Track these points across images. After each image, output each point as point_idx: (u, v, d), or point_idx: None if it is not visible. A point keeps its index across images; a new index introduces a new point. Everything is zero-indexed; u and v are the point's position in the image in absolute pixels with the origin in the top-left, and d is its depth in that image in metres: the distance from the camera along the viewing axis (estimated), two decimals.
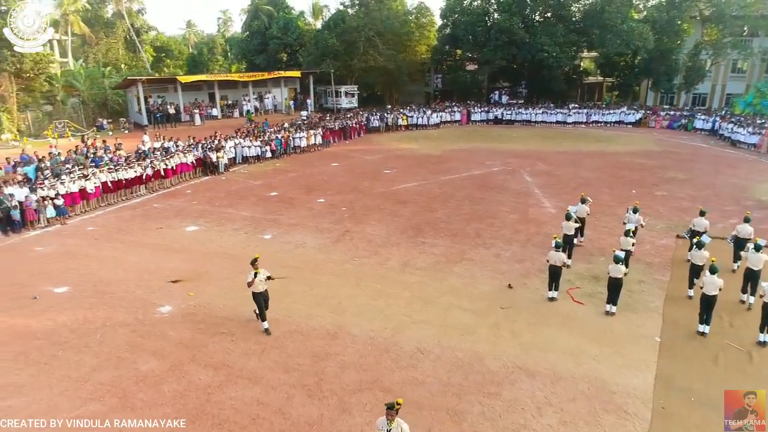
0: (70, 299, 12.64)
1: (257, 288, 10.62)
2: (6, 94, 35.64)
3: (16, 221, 17.13)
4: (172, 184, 23.02)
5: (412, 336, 10.77)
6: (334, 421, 8.36)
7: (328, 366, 9.82)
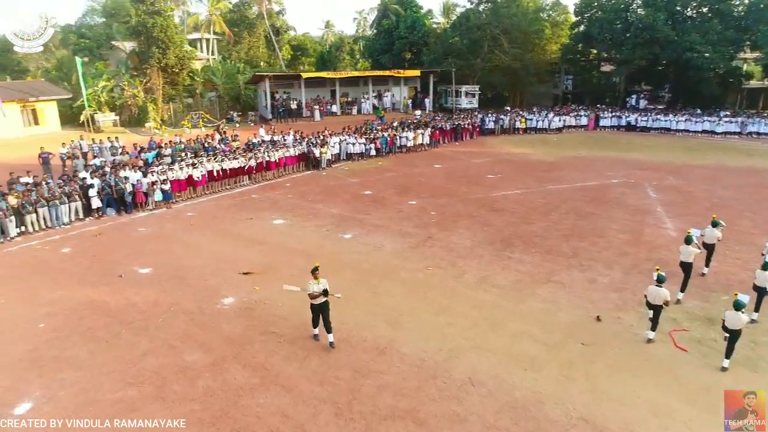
0: (149, 281, 13.21)
1: (316, 300, 9.95)
2: (154, 87, 39.61)
3: (129, 203, 18.56)
4: (275, 176, 23.68)
5: (467, 363, 9.57)
6: None
7: (366, 384, 9.01)
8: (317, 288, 9.84)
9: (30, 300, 12.20)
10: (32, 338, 10.60)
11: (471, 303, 11.86)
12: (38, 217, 16.74)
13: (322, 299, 9.88)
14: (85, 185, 17.87)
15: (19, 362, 9.79)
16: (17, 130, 33.87)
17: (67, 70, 44.07)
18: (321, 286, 9.86)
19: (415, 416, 8.23)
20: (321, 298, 9.86)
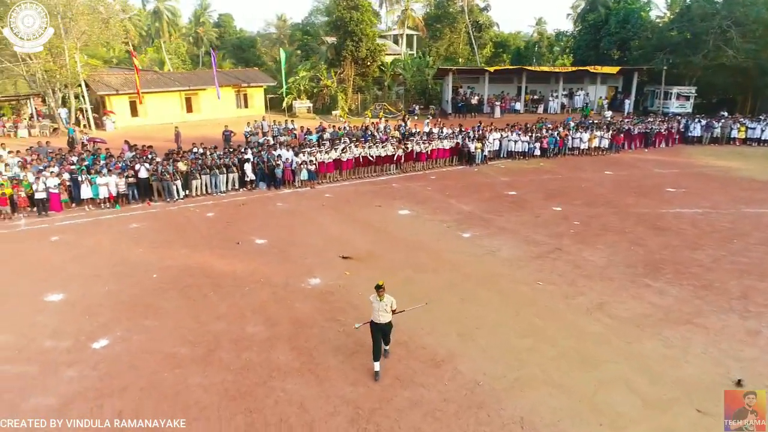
0: (258, 251, 13.86)
1: (376, 318, 8.45)
2: (346, 78, 42.27)
3: (278, 179, 19.89)
4: (424, 168, 23.21)
5: (529, 399, 7.89)
6: None
7: (400, 396, 8.00)
8: (382, 305, 8.38)
9: (159, 254, 13.72)
10: (143, 285, 11.85)
11: (570, 330, 9.86)
12: (201, 184, 18.88)
13: (386, 318, 8.45)
14: (243, 159, 19.60)
15: (121, 304, 10.99)
16: (231, 111, 39.12)
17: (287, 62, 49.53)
18: (389, 303, 8.44)
19: None
20: (384, 317, 8.42)
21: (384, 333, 8.65)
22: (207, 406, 7.83)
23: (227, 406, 7.84)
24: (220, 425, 7.45)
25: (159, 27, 70.21)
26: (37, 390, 8.21)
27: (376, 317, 8.38)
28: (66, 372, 8.69)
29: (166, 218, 16.69)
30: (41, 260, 13.43)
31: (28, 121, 32.16)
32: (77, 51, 30.95)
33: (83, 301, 11.15)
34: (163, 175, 18.08)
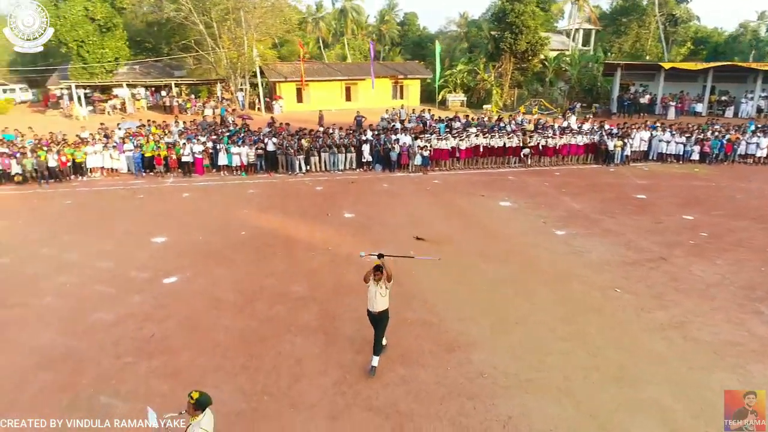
0: (341, 223, 14.39)
1: (370, 305, 7.59)
2: (504, 72, 41.10)
3: (393, 162, 20.28)
4: (551, 163, 21.62)
5: (527, 402, 7.06)
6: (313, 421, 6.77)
7: (393, 373, 7.75)
8: (374, 289, 7.50)
9: (257, 216, 15.05)
10: (229, 239, 13.16)
11: (624, 344, 8.50)
12: (320, 160, 20.11)
13: (381, 305, 7.53)
14: (362, 140, 20.37)
15: (204, 251, 12.36)
16: (386, 100, 40.69)
17: (444, 55, 49.98)
18: (379, 289, 7.48)
19: (396, 420, 6.69)
20: (379, 304, 7.51)
21: (378, 325, 7.65)
22: (220, 344, 8.48)
23: (236, 347, 8.39)
24: (221, 362, 8.01)
25: (344, 24, 75.72)
26: (104, 307, 9.68)
27: (371, 304, 7.53)
28: (133, 297, 10.08)
29: (280, 188, 18.16)
30: (166, 210, 15.65)
31: (213, 102, 37.32)
32: (255, 42, 34.94)
33: (177, 245, 12.77)
34: (287, 150, 19.65)
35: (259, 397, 7.22)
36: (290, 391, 7.37)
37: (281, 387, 7.44)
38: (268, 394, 7.30)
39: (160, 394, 7.23)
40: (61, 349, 8.35)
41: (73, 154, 18.95)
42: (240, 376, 7.70)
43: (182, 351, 8.31)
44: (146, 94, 39.44)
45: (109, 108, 35.21)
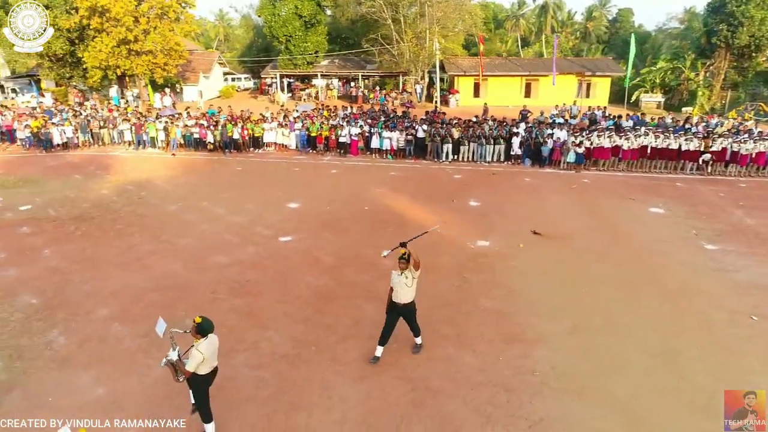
0: (462, 210, 14.24)
1: (395, 296, 7.10)
2: (717, 71, 35.59)
3: (544, 157, 19.21)
4: (740, 173, 18.21)
5: (570, 408, 6.37)
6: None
7: (433, 351, 7.57)
8: (398, 279, 7.01)
9: (387, 195, 15.68)
10: (352, 211, 14.03)
11: (728, 376, 7.02)
12: (468, 150, 19.97)
13: (407, 297, 7.05)
14: (512, 133, 19.68)
15: (325, 219, 13.36)
16: (568, 99, 38.26)
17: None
18: (404, 279, 6.95)
19: (421, 393, 6.57)
20: (405, 295, 7.03)
21: (406, 317, 7.23)
22: (299, 296, 9.22)
23: (309, 301, 9.02)
24: (290, 310, 8.70)
25: (543, 21, 72.88)
26: (223, 252, 11.15)
27: (395, 295, 7.04)
28: (249, 248, 11.41)
29: (420, 173, 18.53)
30: (311, 182, 17.17)
31: (394, 94, 39.23)
32: (436, 35, 35.74)
33: (306, 211, 14.00)
34: (435, 138, 19.93)
35: (307, 347, 7.69)
36: (336, 346, 7.70)
37: (329, 342, 7.82)
38: (315, 344, 7.73)
39: (228, 327, 8.13)
40: (176, 279, 9.89)
41: (252, 129, 21.80)
42: (300, 325, 8.28)
43: (264, 296, 9.21)
44: (338, 84, 43.17)
45: (305, 96, 39.40)
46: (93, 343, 7.73)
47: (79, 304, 8.90)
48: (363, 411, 6.34)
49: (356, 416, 6.27)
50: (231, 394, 6.60)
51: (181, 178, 17.66)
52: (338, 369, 7.13)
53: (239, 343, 7.75)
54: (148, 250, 11.35)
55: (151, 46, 31.25)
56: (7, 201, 14.84)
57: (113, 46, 30.07)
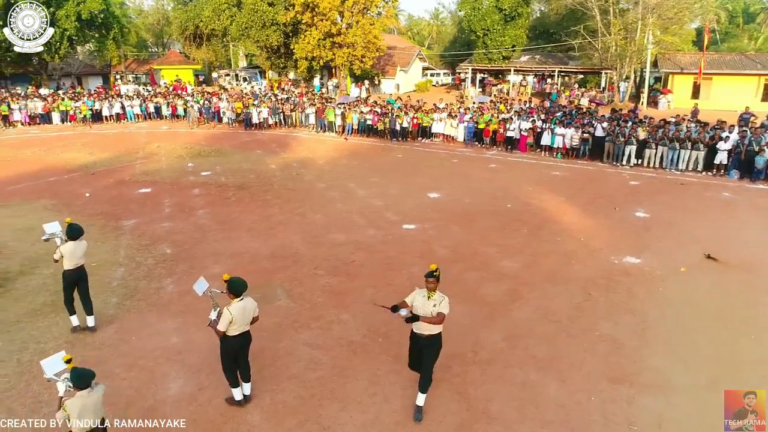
0: (624, 221, 12.10)
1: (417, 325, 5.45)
2: None
3: (757, 169, 15.44)
4: None
5: None
6: None
7: (513, 373, 6.40)
8: (425, 303, 5.34)
9: (537, 196, 14.19)
10: (491, 208, 12.97)
11: None
12: (656, 154, 17.05)
13: (429, 329, 5.37)
14: (718, 138, 16.21)
15: (456, 211, 12.56)
16: (748, 101, 29.90)
17: None
18: (432, 305, 5.29)
19: (473, 409, 5.58)
20: (428, 326, 5.34)
21: (423, 354, 5.46)
22: (391, 282, 8.70)
23: (403, 288, 8.43)
24: (373, 294, 8.24)
25: None
26: (343, 231, 11.21)
27: (415, 325, 5.42)
28: (370, 231, 11.28)
29: (588, 176, 16.35)
30: (464, 175, 16.39)
31: (594, 92, 35.71)
32: (650, 26, 31.38)
33: (443, 202, 13.41)
34: (616, 137, 17.43)
35: (376, 338, 7.16)
36: (406, 343, 7.02)
37: (400, 337, 7.15)
38: (386, 337, 7.16)
39: (312, 303, 8.04)
40: (290, 250, 10.17)
41: (422, 118, 21.74)
42: (380, 314, 7.72)
43: (359, 279, 8.91)
44: (533, 81, 40.96)
45: (495, 91, 38.25)
46: (191, 297, 8.28)
47: (200, 260, 9.68)
48: (398, 419, 5.60)
49: (389, 423, 5.56)
50: (279, 369, 6.43)
51: (342, 160, 18.39)
52: (396, 368, 6.44)
53: (313, 321, 7.56)
54: (279, 220, 11.94)
55: (352, 39, 33.33)
56: (196, 167, 17.11)
57: (319, 38, 32.88)
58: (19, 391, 5.98)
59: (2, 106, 24.93)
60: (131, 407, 5.76)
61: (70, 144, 20.97)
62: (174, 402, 5.86)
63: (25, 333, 7.22)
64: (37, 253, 9.76)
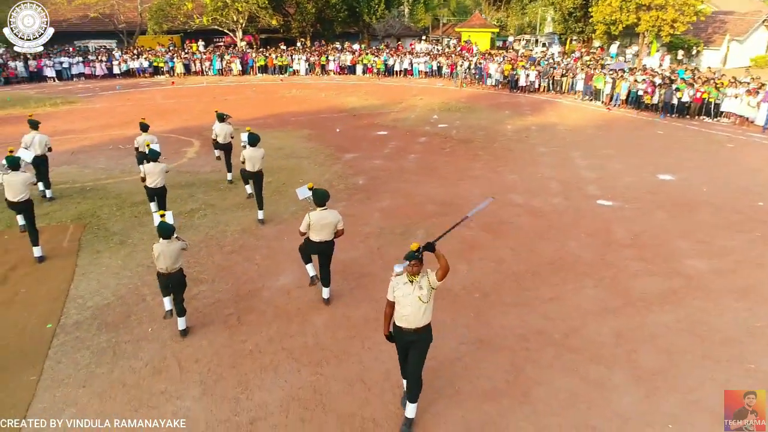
0: None
1: (399, 317, 4.46)
2: None
3: None
4: None
5: None
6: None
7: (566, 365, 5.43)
8: (405, 291, 4.38)
9: None
10: (729, 202, 10.36)
11: None
12: None
13: (418, 320, 4.40)
14: None
15: (674, 201, 10.46)
16: None
17: None
18: (417, 290, 4.35)
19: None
20: (415, 316, 4.39)
21: (412, 359, 4.53)
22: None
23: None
24: (486, 243, 7.82)
25: None
26: (525, 194, 10.63)
27: (402, 317, 4.43)
28: (551, 198, 10.42)
29: None
30: (731, 161, 13.25)
31: None
32: None
33: (671, 185, 11.47)
34: None
35: (470, 290, 6.91)
36: (469, 320, 6.60)
37: (470, 304, 6.75)
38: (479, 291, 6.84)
39: None
40: (461, 200, 10.22)
41: (709, 92, 17.98)
42: (483, 274, 7.39)
43: (502, 239, 8.57)
44: None
45: None
46: (349, 217, 9.27)
47: (378, 193, 10.65)
48: (382, 372, 5.46)
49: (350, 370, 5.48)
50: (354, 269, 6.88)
51: (587, 130, 16.83)
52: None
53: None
54: (473, 174, 11.98)
55: (662, 1, 29.03)
56: (438, 120, 18.08)
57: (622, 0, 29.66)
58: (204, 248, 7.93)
59: (322, 58, 30.42)
60: (246, 284, 7.06)
61: (355, 91, 24.44)
62: (274, 289, 6.93)
63: (228, 215, 9.35)
64: (271, 167, 12.18)
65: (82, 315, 6.36)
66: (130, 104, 20.66)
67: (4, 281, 7.17)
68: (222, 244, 8.32)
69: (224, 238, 8.54)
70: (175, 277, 5.65)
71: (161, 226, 5.45)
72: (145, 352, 5.68)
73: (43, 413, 4.81)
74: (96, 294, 6.83)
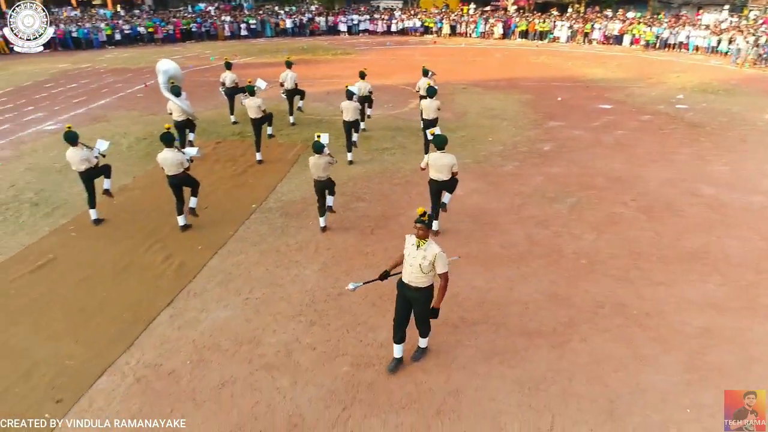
0: None
1: (406, 275, 4.83)
2: None
3: None
4: None
5: None
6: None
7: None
8: (415, 254, 4.68)
9: None
10: None
11: None
12: None
13: (421, 280, 4.73)
14: None
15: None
16: None
17: None
18: (422, 256, 4.64)
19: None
20: (418, 277, 4.71)
21: (415, 312, 4.96)
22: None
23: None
24: (628, 224, 7.73)
25: None
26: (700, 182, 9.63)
27: (406, 273, 4.79)
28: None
29: None
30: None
31: None
32: None
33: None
34: None
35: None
36: (512, 312, 6.85)
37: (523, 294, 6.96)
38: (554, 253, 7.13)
39: (555, 213, 8.39)
40: (620, 177, 9.89)
41: None
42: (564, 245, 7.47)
43: (618, 226, 8.26)
44: None
45: None
46: (508, 179, 10.00)
47: (550, 159, 10.91)
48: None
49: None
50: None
51: None
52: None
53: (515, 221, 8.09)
54: (674, 158, 11.15)
55: None
56: (681, 100, 16.30)
57: None
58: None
59: (587, 25, 29.13)
60: (392, 209, 8.66)
61: (607, 62, 23.14)
62: (411, 217, 8.36)
63: (412, 156, 11.03)
64: (469, 123, 13.31)
65: (276, 204, 8.86)
66: (391, 58, 23.73)
67: (243, 173, 10.24)
68: (393, 177, 10.02)
69: (397, 172, 10.23)
70: (322, 183, 7.53)
71: (315, 144, 7.31)
72: (301, 235, 7.82)
73: (228, 255, 7.30)
74: (291, 192, 9.31)
